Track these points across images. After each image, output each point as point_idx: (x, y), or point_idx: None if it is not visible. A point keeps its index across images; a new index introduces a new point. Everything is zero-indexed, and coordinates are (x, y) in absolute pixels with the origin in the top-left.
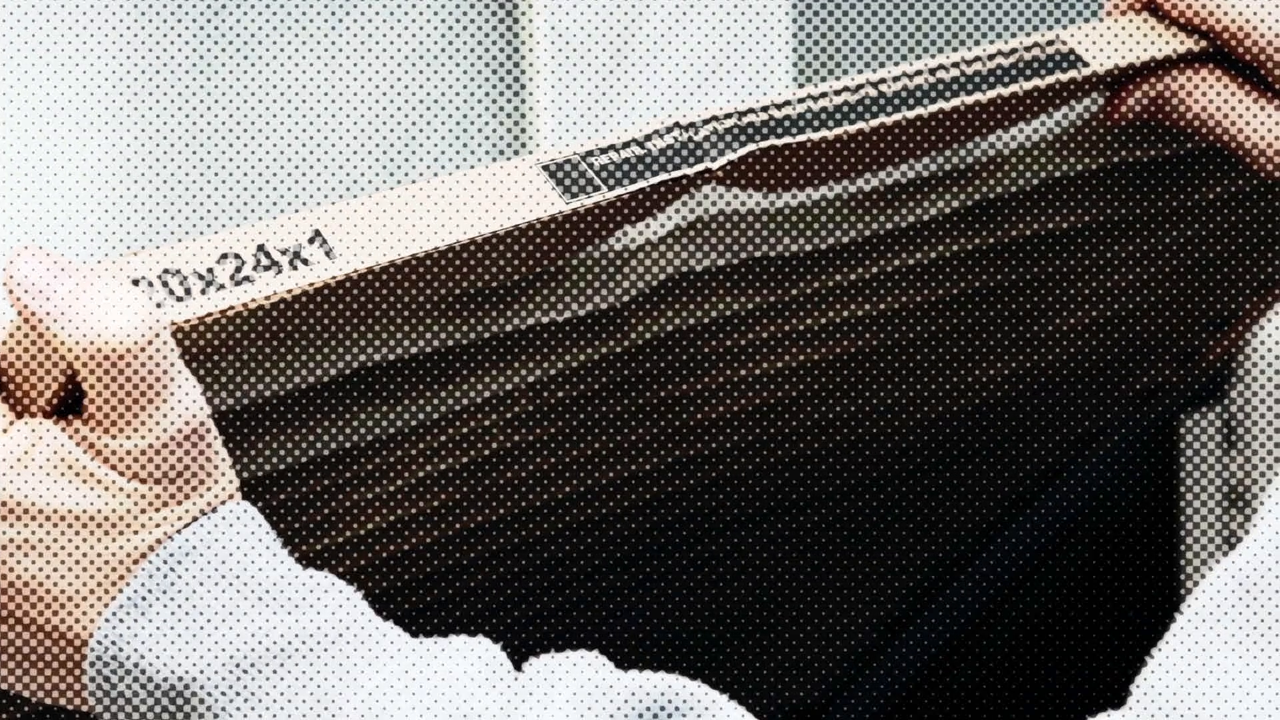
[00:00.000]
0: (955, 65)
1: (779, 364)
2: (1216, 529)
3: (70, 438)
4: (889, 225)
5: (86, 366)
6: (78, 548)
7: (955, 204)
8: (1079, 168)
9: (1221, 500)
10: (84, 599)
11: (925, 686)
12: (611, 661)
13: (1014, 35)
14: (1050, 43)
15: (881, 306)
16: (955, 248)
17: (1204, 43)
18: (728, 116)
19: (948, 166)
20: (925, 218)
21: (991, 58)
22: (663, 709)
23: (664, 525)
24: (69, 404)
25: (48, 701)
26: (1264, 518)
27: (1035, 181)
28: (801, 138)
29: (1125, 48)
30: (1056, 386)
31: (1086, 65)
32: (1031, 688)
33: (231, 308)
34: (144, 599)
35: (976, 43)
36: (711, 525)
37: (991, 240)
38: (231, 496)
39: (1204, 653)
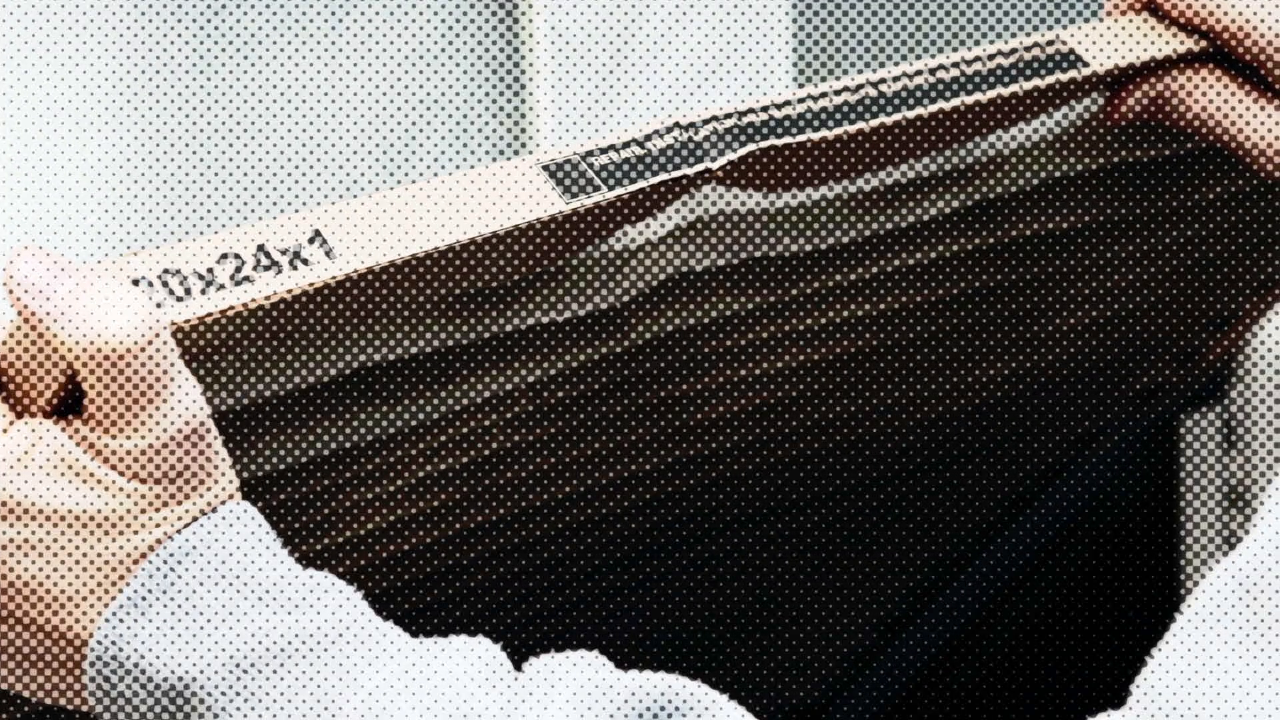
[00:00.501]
0: (955, 65)
1: (779, 364)
2: (1216, 529)
3: (70, 438)
4: (889, 225)
5: (86, 366)
6: (78, 548)
7: (955, 204)
8: (1079, 168)
9: (1221, 500)
10: (84, 599)
11: (925, 686)
12: (611, 661)
13: (1014, 35)
14: (1050, 43)
15: (881, 306)
16: (955, 248)
17: (1204, 43)
18: (728, 116)
19: (948, 166)
20: (925, 218)
21: (991, 58)
22: (663, 709)
23: (664, 525)
24: (69, 404)
25: (48, 701)
26: (1264, 517)
27: (1035, 181)
28: (801, 138)
29: (1125, 48)
30: (1056, 386)
31: (1086, 65)
32: (1031, 688)
33: (231, 308)
34: (144, 599)
35: (976, 43)
36: (711, 525)
37: (991, 240)
38: (231, 496)
39: (1204, 653)
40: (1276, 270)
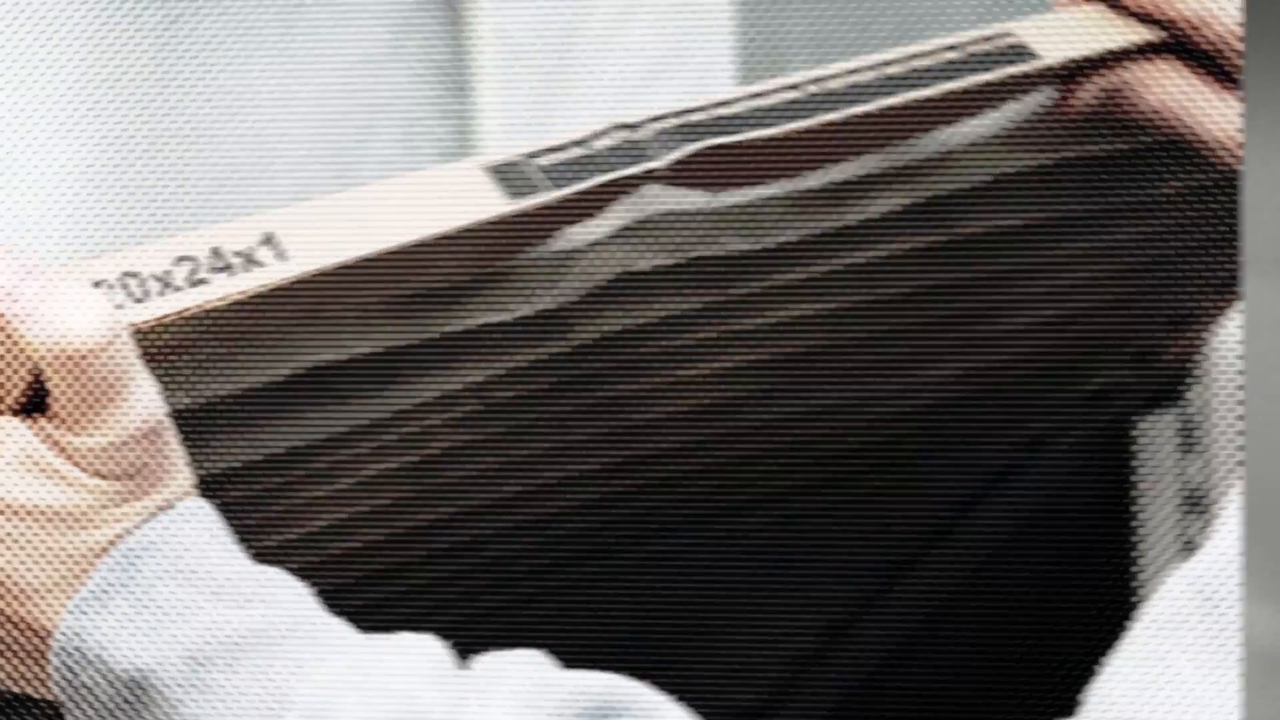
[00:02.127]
0: (901, 61)
1: (723, 364)
2: (1174, 535)
3: (36, 435)
4: (834, 224)
5: (51, 366)
6: (43, 541)
7: (902, 202)
8: (1030, 163)
9: (1179, 505)
10: (49, 591)
11: (867, 693)
12: (556, 661)
13: (962, 30)
14: (999, 36)
15: (828, 306)
16: (902, 246)
17: (1162, 33)
18: (671, 116)
19: (895, 164)
20: (871, 216)
21: (939, 52)
22: (606, 709)
23: (608, 525)
24: (35, 402)
25: (15, 690)
26: (1223, 523)
27: (985, 178)
28: (745, 136)
29: (1077, 39)
30: (1008, 388)
31: (1037, 57)
32: (977, 696)
33: (188, 309)
34: (105, 592)
35: (924, 39)
36: (656, 526)
37: (940, 238)
38: (188, 493)
39: (1160, 661)
40: (1236, 268)
